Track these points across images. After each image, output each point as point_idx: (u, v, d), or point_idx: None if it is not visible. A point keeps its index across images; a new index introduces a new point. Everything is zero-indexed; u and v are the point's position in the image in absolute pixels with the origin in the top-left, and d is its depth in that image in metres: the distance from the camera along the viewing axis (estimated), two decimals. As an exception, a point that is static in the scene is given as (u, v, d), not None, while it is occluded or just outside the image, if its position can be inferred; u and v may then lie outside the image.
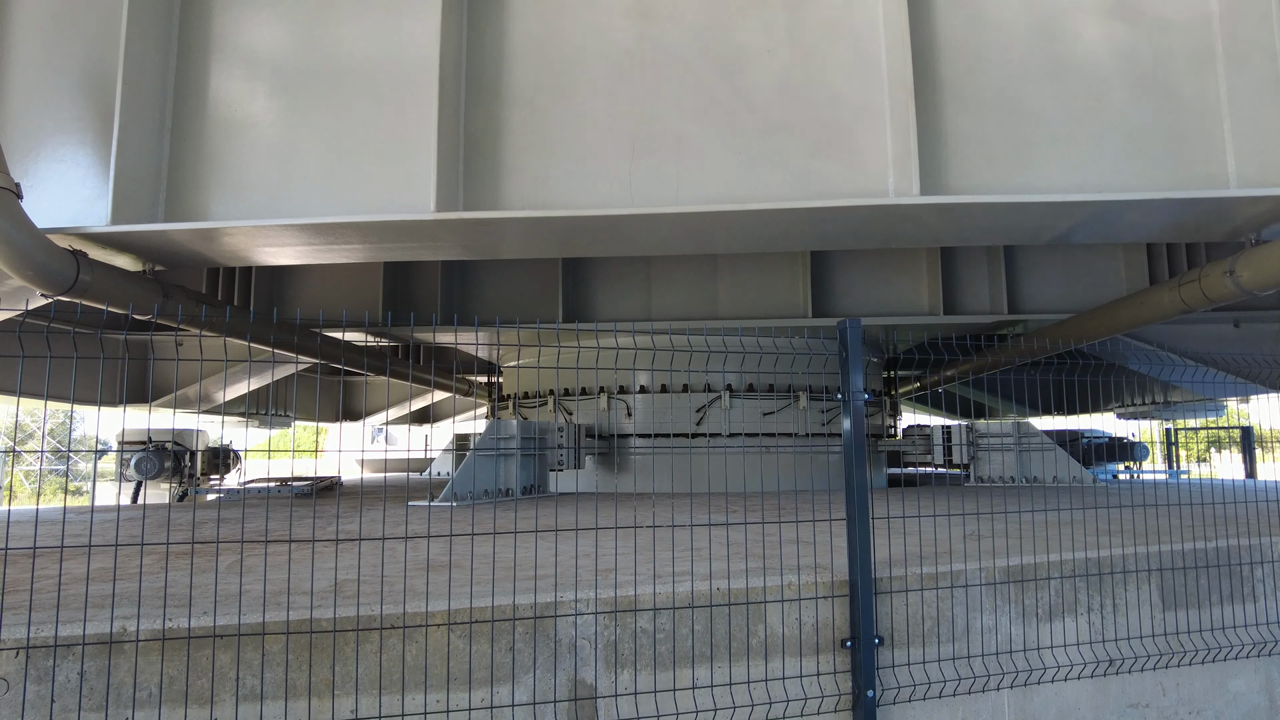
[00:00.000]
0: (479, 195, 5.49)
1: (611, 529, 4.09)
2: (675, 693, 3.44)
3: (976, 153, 5.43)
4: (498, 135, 5.54)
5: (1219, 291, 6.29)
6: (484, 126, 5.55)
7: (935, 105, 5.44)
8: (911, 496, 8.65)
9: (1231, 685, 4.43)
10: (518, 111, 5.55)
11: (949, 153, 5.42)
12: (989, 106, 5.46)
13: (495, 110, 5.56)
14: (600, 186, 5.45)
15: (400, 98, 5.48)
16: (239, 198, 5.52)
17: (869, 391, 4.23)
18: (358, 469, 20.77)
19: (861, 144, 5.42)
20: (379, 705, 3.12)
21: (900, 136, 5.33)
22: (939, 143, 5.41)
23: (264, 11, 5.64)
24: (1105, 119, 5.44)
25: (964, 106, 5.46)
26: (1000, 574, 4.11)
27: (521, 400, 11.98)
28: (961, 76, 5.48)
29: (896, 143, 5.34)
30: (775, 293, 10.10)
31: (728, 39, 5.55)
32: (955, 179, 5.41)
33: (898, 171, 5.33)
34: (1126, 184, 5.37)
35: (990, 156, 5.43)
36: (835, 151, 5.43)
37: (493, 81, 5.59)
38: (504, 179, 5.50)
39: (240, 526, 6.23)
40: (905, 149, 5.30)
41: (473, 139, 5.53)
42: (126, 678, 2.95)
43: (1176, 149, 5.41)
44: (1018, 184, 5.40)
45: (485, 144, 5.53)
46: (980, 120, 5.46)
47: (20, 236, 4.86)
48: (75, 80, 5.55)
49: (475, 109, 5.56)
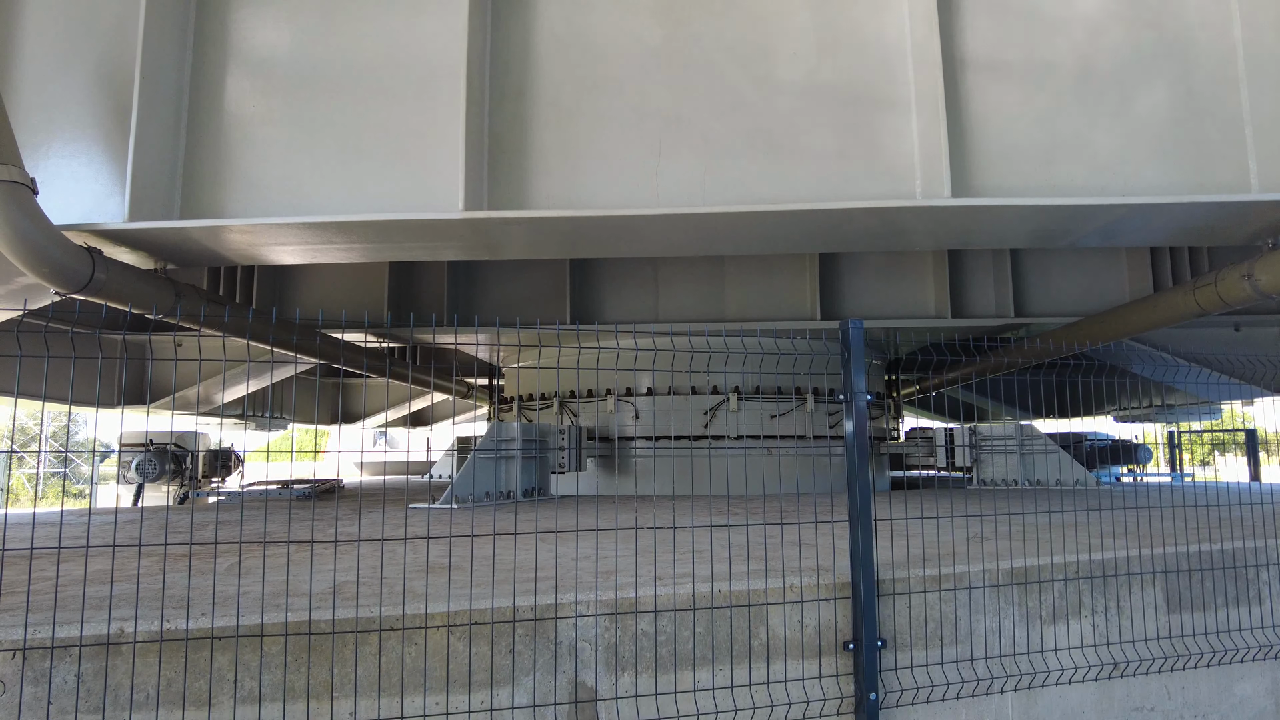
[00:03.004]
0: (504, 195, 5.47)
1: (612, 530, 4.07)
2: (676, 695, 3.41)
3: (1004, 156, 5.45)
4: (523, 134, 5.52)
5: (1236, 295, 6.30)
6: (509, 126, 5.53)
7: (963, 108, 5.46)
8: (914, 499, 8.63)
9: (1237, 689, 4.40)
10: (543, 110, 5.53)
11: (977, 155, 5.44)
12: (1015, 109, 5.48)
13: (520, 109, 5.54)
14: (626, 186, 5.44)
15: (423, 96, 5.46)
16: (256, 195, 5.49)
17: (871, 394, 4.21)
18: (357, 472, 20.75)
19: (889, 146, 5.43)
20: (378, 708, 3.09)
21: (930, 138, 5.34)
22: (967, 145, 5.43)
23: (281, 8, 5.62)
24: (1130, 123, 5.47)
25: (991, 109, 5.48)
26: (1004, 576, 4.08)
27: (525, 402, 11.95)
28: (989, 81, 5.50)
29: (925, 145, 5.35)
30: (783, 295, 10.10)
31: (754, 40, 5.55)
32: (983, 181, 5.42)
33: (926, 173, 5.33)
34: (1150, 187, 5.39)
35: (1018, 159, 5.45)
36: (863, 153, 5.44)
37: (518, 80, 5.57)
38: (529, 178, 5.48)
39: (239, 528, 6.21)
40: (935, 151, 5.31)
41: (497, 138, 5.50)
42: (124, 679, 2.93)
43: (1199, 153, 5.44)
44: (1045, 187, 5.42)
45: (510, 143, 5.51)
46: (1008, 123, 5.47)
47: (36, 233, 4.79)
48: (89, 76, 5.51)
49: (500, 108, 5.54)
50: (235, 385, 13.49)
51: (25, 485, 31.94)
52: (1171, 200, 5.31)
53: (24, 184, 4.72)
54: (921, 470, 13.57)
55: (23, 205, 4.71)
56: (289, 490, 10.67)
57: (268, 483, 11.86)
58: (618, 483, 10.74)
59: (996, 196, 5.38)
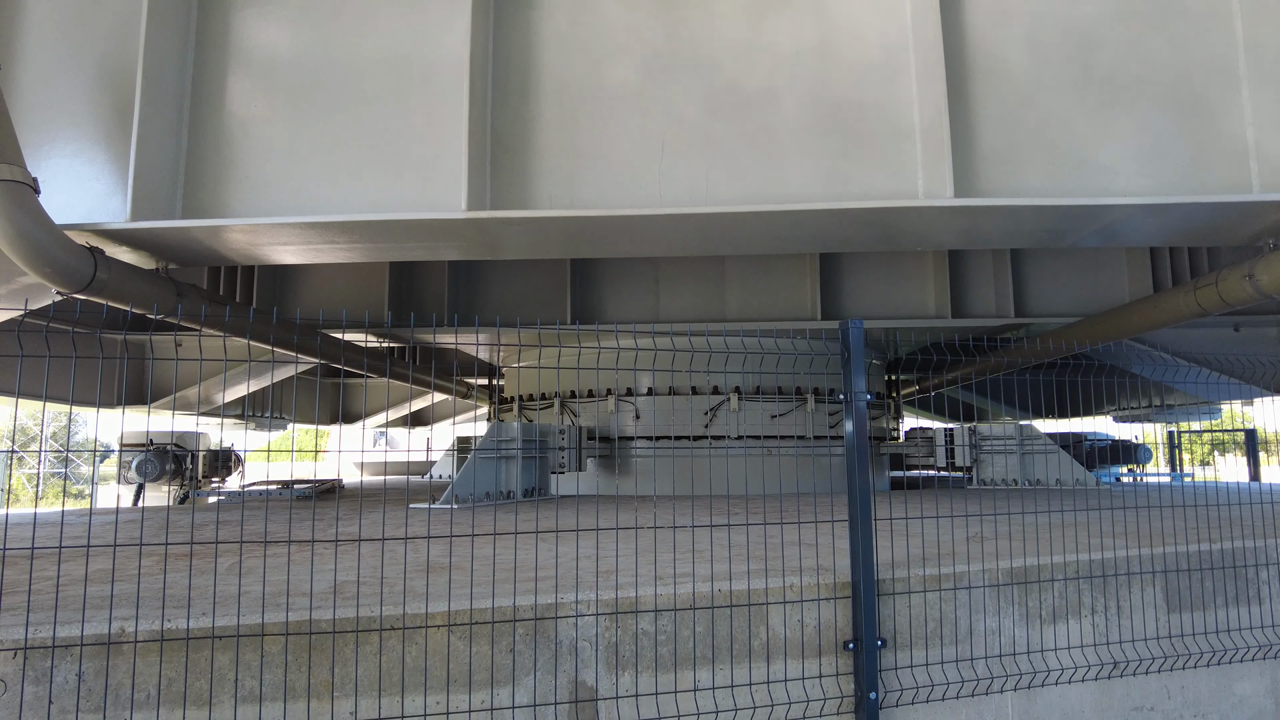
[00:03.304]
0: (507, 194, 5.47)
1: (613, 530, 4.07)
2: (677, 695, 3.41)
3: (1006, 155, 5.45)
4: (526, 134, 5.52)
5: (1237, 295, 6.32)
6: (511, 125, 5.53)
7: (965, 108, 5.46)
8: (914, 499, 8.62)
9: (1237, 688, 4.40)
10: (545, 110, 5.53)
11: (979, 155, 5.44)
12: (1017, 110, 5.48)
13: (523, 109, 5.54)
14: (629, 186, 5.44)
15: (426, 96, 5.46)
16: (259, 195, 5.48)
17: (871, 394, 4.21)
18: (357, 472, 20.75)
19: (891, 146, 5.44)
20: (378, 707, 3.09)
21: (932, 139, 5.34)
22: (970, 145, 5.43)
23: (284, 7, 5.61)
24: (1132, 124, 5.48)
25: (994, 109, 5.48)
26: (1004, 576, 4.09)
27: (526, 402, 11.95)
28: (990, 80, 5.50)
29: (928, 145, 5.35)
30: (783, 295, 10.11)
31: (757, 40, 5.55)
32: (986, 182, 5.42)
33: (929, 173, 5.34)
34: (1153, 188, 5.40)
35: (1020, 159, 5.45)
36: (866, 153, 5.44)
37: (520, 80, 5.57)
38: (532, 178, 5.48)
39: (240, 528, 6.21)
40: (938, 151, 5.32)
41: (500, 138, 5.50)
42: (125, 679, 2.94)
43: (1202, 153, 5.45)
44: (1048, 187, 5.42)
45: (513, 143, 5.51)
46: (1010, 123, 5.47)
47: (39, 232, 4.77)
48: (90, 76, 5.49)
49: (502, 107, 5.54)
50: (236, 385, 13.49)
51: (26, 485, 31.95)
52: (1175, 200, 5.32)
53: (26, 183, 4.70)
54: (921, 470, 13.58)
55: (25, 205, 4.69)
56: (289, 490, 10.68)
57: (268, 483, 11.86)
58: (618, 483, 10.74)
59: (999, 197, 5.39)
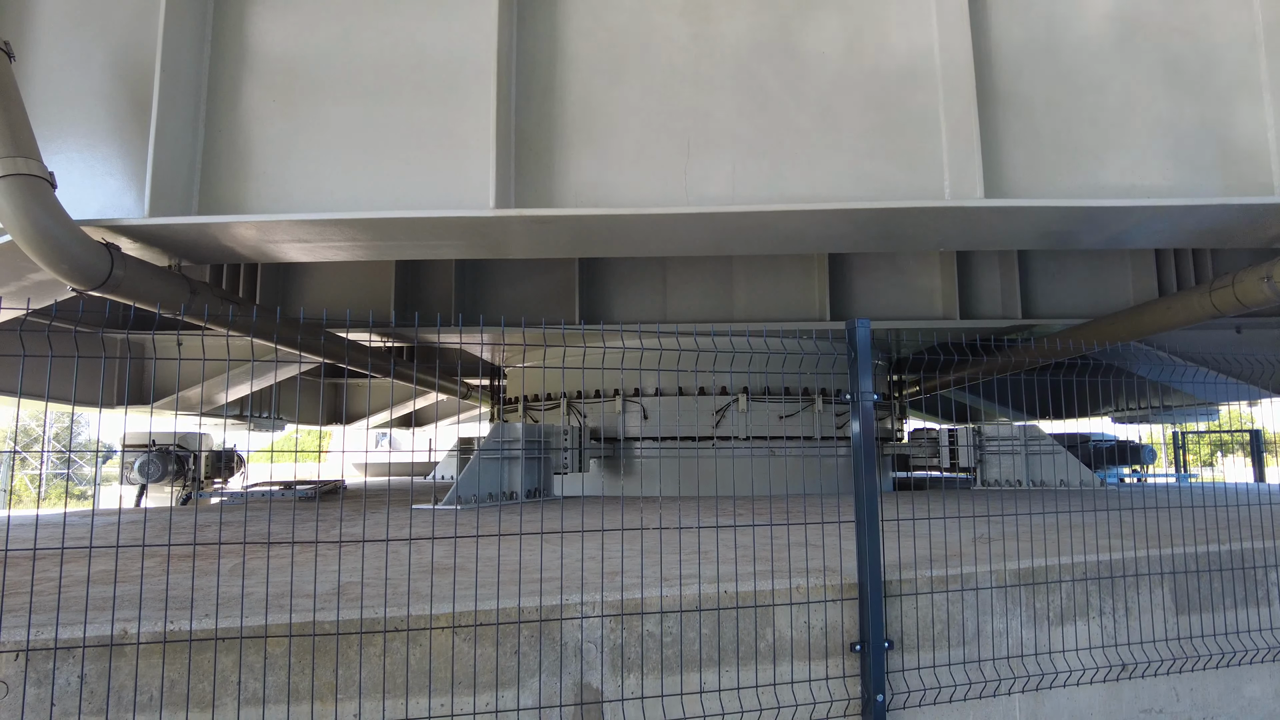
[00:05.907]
0: (532, 193, 5.44)
1: (618, 531, 4.05)
2: (683, 697, 3.39)
3: (1032, 157, 5.45)
4: (550, 132, 5.49)
5: (1254, 297, 6.33)
6: (536, 124, 5.50)
7: (992, 108, 5.45)
8: (919, 499, 8.59)
9: (1246, 690, 4.37)
10: (570, 109, 5.51)
11: (1006, 156, 5.44)
12: (1043, 111, 5.48)
13: (548, 107, 5.52)
14: (655, 185, 5.42)
15: (451, 95, 5.43)
16: (275, 191, 5.44)
17: (877, 394, 4.19)
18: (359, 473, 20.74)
19: (919, 146, 5.42)
20: (382, 709, 3.07)
21: (961, 139, 5.33)
22: (997, 146, 5.43)
23: (304, 5, 5.57)
24: (1154, 125, 5.48)
25: (1020, 110, 5.47)
26: (1011, 577, 4.06)
27: (531, 402, 11.93)
28: (1017, 81, 5.49)
29: (956, 145, 5.34)
30: (792, 295, 10.07)
31: (783, 40, 5.53)
32: (1013, 183, 5.42)
33: (956, 174, 5.32)
34: (1176, 189, 5.40)
35: (1045, 161, 5.45)
36: (893, 153, 5.43)
37: (545, 78, 5.55)
38: (557, 176, 5.46)
39: (243, 529, 6.19)
40: (967, 151, 5.31)
41: (524, 136, 5.48)
42: (127, 681, 2.92)
43: (1224, 155, 5.46)
44: (1074, 188, 5.42)
45: (538, 141, 5.49)
46: (1035, 124, 5.47)
47: (57, 228, 4.67)
48: (103, 68, 5.44)
49: (527, 106, 5.51)
50: (239, 385, 13.48)
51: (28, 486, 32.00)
52: (1198, 202, 5.32)
53: (43, 178, 4.60)
54: (926, 471, 13.55)
55: (42, 200, 4.60)
56: (292, 491, 10.67)
57: (271, 484, 11.86)
58: (623, 483, 10.72)
59: (1026, 197, 5.38)
